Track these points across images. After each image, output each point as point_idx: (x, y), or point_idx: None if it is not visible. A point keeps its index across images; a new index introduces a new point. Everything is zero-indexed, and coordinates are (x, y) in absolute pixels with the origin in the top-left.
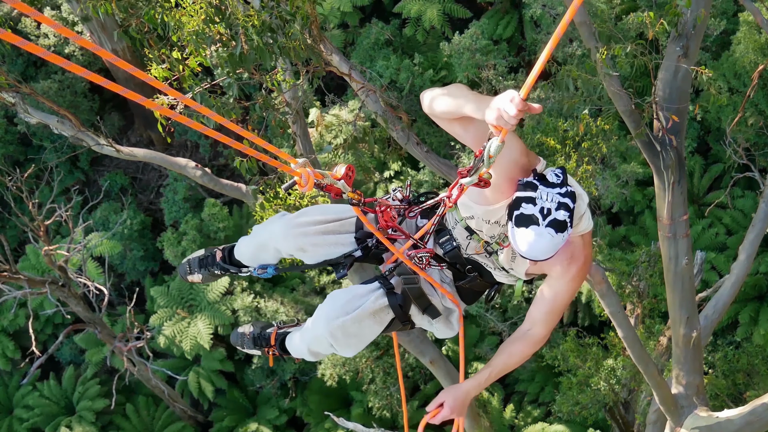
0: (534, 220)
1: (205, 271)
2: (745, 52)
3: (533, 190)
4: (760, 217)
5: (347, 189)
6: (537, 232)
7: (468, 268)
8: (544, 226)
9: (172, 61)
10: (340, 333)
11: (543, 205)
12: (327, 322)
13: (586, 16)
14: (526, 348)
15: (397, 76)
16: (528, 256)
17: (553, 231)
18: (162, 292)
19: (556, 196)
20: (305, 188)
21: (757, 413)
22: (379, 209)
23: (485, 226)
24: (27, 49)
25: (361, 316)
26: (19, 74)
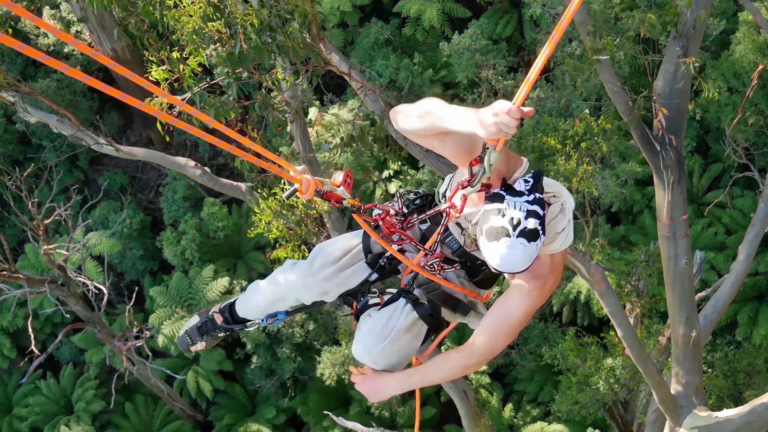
0: (504, 231)
1: (208, 337)
2: (745, 51)
3: (500, 201)
4: (759, 216)
5: (347, 195)
6: (508, 244)
7: (478, 263)
8: (515, 236)
9: (172, 60)
10: (382, 359)
11: (512, 215)
12: (367, 353)
13: (585, 16)
14: (461, 359)
15: (396, 75)
16: (502, 269)
17: (525, 241)
18: (161, 291)
19: (524, 204)
20: (306, 195)
21: (756, 413)
22: (380, 217)
23: (469, 226)
24: (26, 53)
25: (398, 336)
26: (19, 73)
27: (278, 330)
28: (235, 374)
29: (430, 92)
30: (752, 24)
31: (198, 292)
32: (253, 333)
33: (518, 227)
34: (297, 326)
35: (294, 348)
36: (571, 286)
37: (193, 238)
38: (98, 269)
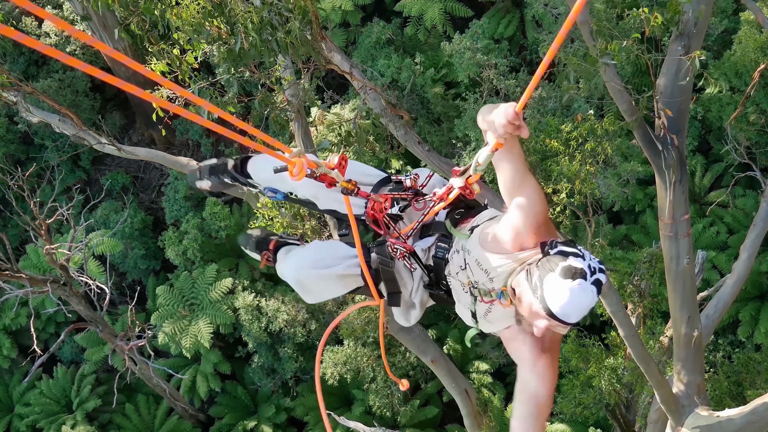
0: (582, 274)
1: (215, 178)
2: (747, 51)
3: (575, 247)
4: (761, 216)
5: (341, 178)
6: (583, 287)
7: (442, 283)
8: (590, 282)
9: (172, 57)
10: (306, 281)
11: (590, 263)
12: (297, 268)
13: (587, 16)
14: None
15: (398, 75)
16: (560, 315)
17: (596, 290)
18: (165, 290)
19: (595, 260)
20: (296, 177)
21: (758, 413)
22: (371, 201)
23: (476, 268)
24: (30, 45)
25: (328, 276)
26: (21, 73)
27: (280, 330)
28: (236, 373)
29: (432, 92)
30: (754, 23)
31: (201, 291)
32: (255, 332)
33: (594, 275)
34: (299, 326)
35: (296, 347)
36: None
37: (195, 238)
38: (100, 269)
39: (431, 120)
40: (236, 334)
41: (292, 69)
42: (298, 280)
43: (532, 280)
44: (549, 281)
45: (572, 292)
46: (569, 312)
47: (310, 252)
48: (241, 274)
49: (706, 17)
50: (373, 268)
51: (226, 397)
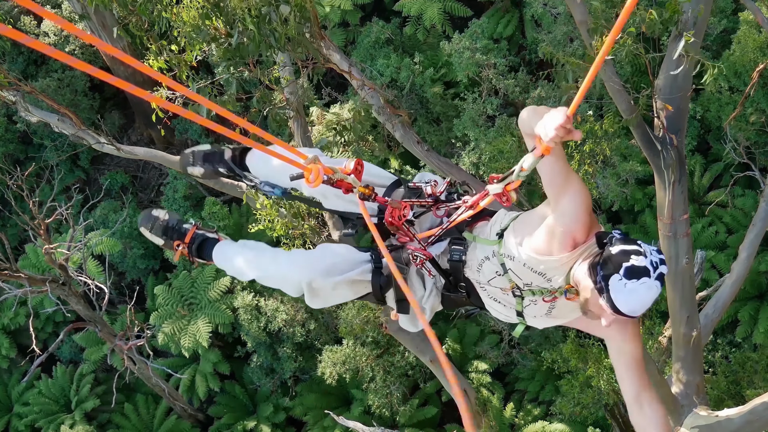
0: (646, 272)
1: (209, 166)
2: (746, 51)
3: (635, 243)
4: (760, 216)
5: (358, 183)
6: (648, 285)
7: (460, 285)
8: (653, 278)
9: (171, 56)
10: (317, 288)
11: (651, 258)
12: (309, 274)
13: (586, 15)
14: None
15: (397, 74)
16: (626, 312)
17: (660, 284)
18: (163, 290)
19: (655, 252)
20: (312, 184)
21: (756, 412)
22: (389, 207)
23: (526, 272)
24: (30, 45)
25: (340, 283)
26: (20, 72)
27: (279, 329)
28: (235, 373)
29: (431, 92)
30: (753, 23)
31: (199, 291)
32: (254, 332)
33: (657, 270)
34: (298, 326)
35: (295, 347)
36: None
37: None
38: (99, 268)
39: (430, 119)
40: (235, 333)
41: (291, 68)
42: (311, 286)
43: (596, 278)
44: (614, 283)
45: (638, 292)
46: (637, 309)
47: (320, 257)
48: None
49: (705, 17)
50: (384, 275)
51: (225, 397)
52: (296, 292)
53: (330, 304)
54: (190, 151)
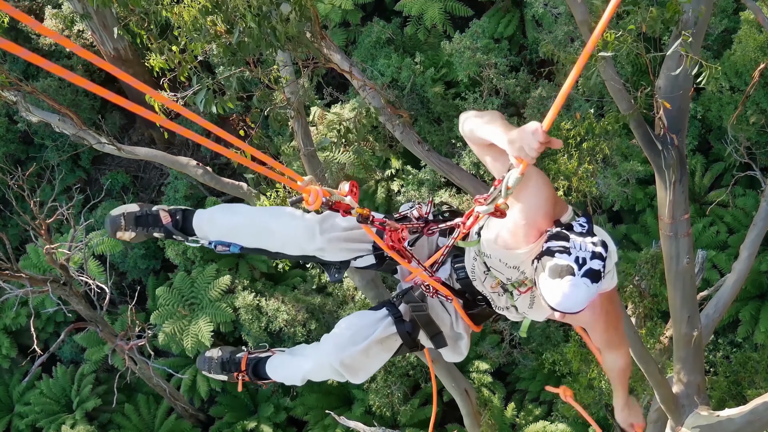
0: (569, 270)
1: (142, 230)
2: (747, 50)
3: (565, 240)
4: (761, 215)
5: (355, 205)
6: (573, 283)
7: (478, 298)
8: (579, 276)
9: (170, 55)
10: (351, 362)
11: (578, 255)
12: (337, 353)
13: (586, 15)
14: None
15: (398, 74)
16: (560, 309)
17: (588, 281)
18: (164, 290)
19: (590, 245)
20: (312, 206)
21: (758, 412)
22: (388, 231)
23: (503, 267)
24: (28, 59)
25: (369, 346)
26: (21, 72)
27: (280, 329)
28: None
29: (432, 91)
30: (754, 23)
31: (200, 291)
32: (255, 332)
33: (584, 267)
34: (299, 325)
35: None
36: None
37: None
38: (100, 269)
39: (431, 119)
40: (236, 333)
41: (291, 68)
42: (344, 364)
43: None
44: (541, 281)
45: (561, 290)
46: (569, 306)
47: (339, 333)
48: (241, 273)
49: (706, 17)
50: (407, 321)
51: (226, 397)
52: (339, 375)
53: (373, 370)
54: (119, 213)
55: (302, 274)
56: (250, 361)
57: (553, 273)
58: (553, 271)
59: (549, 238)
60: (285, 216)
